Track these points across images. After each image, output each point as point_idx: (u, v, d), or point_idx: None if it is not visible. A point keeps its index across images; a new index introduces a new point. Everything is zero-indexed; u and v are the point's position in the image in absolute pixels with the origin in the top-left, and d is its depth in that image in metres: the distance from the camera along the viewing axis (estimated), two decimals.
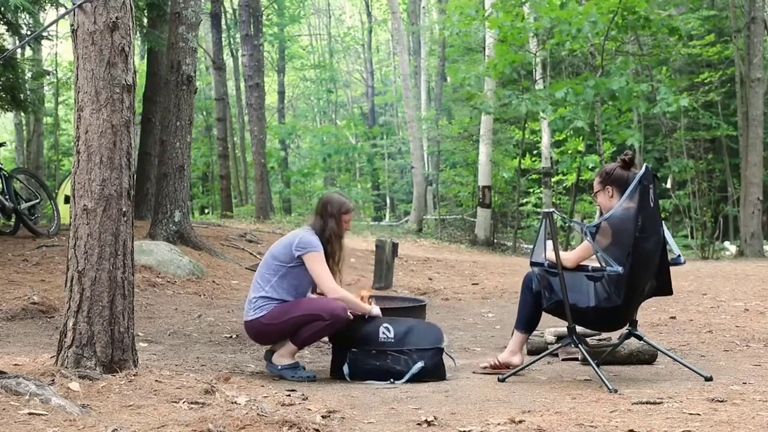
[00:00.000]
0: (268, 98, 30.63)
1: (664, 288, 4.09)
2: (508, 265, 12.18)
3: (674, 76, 19.65)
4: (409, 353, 4.09)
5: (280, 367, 4.14)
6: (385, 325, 4.17)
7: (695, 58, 19.59)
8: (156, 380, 3.55)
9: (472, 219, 20.29)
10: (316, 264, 4.14)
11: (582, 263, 4.18)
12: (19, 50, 15.84)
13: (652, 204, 3.87)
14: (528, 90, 15.53)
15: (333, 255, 4.28)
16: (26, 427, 2.73)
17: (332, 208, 4.30)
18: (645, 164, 3.92)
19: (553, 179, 20.23)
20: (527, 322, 4.28)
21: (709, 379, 3.89)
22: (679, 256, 4.14)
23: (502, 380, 4.03)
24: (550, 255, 3.98)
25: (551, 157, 19.66)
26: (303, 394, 3.57)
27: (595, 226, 3.95)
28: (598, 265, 4.01)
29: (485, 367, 4.34)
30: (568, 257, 4.10)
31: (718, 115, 19.14)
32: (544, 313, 4.23)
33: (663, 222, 4.07)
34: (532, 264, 4.09)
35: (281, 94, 31.88)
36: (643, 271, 3.90)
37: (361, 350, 4.12)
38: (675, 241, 4.27)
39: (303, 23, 34.17)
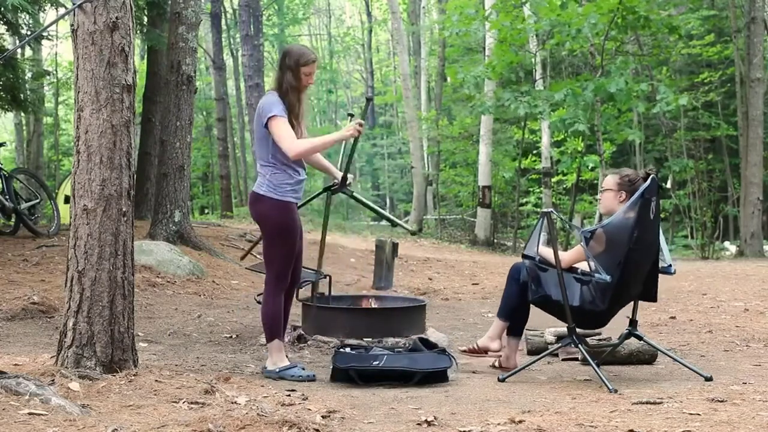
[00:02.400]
0: None
1: (648, 295, 4.13)
2: (508, 265, 12.13)
3: (674, 76, 19.63)
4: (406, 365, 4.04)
5: (278, 370, 4.11)
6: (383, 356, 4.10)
7: (695, 58, 19.58)
8: (156, 380, 3.55)
9: (472, 219, 20.28)
10: (276, 128, 3.98)
11: (574, 265, 4.18)
12: (19, 50, 15.84)
13: (652, 216, 3.89)
14: (528, 92, 15.50)
15: (292, 109, 4.06)
16: (26, 427, 2.73)
17: (290, 59, 4.07)
18: (651, 177, 3.90)
19: (553, 179, 20.22)
20: (509, 311, 4.33)
21: (709, 379, 3.89)
22: (670, 265, 4.16)
23: (502, 380, 4.04)
24: (543, 251, 4.01)
25: (551, 157, 19.65)
26: (303, 394, 3.57)
27: (590, 232, 3.96)
28: (588, 269, 4.02)
29: (464, 351, 4.48)
30: (562, 257, 4.11)
31: (718, 115, 19.13)
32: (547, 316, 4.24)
33: (660, 232, 4.07)
34: (524, 256, 4.12)
35: None
36: (632, 280, 3.94)
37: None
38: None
39: (303, 24, 34.17)
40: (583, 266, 4.06)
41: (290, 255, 4.15)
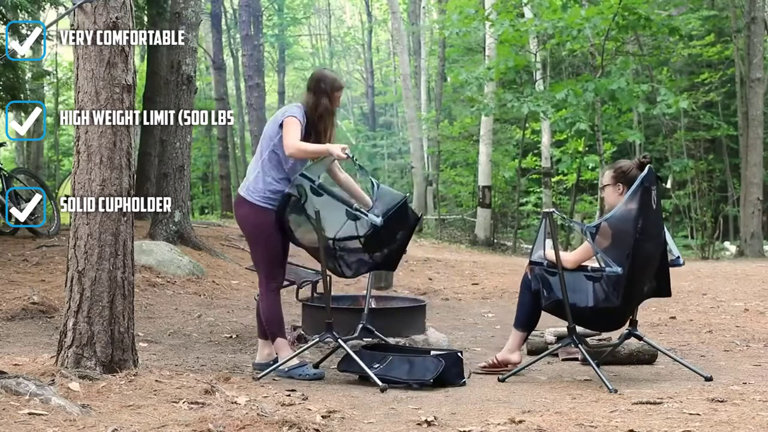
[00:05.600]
0: (268, 98, 30.59)
1: (662, 289, 4.11)
2: (508, 265, 12.16)
3: (674, 77, 19.61)
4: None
5: (287, 369, 4.13)
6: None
7: (695, 58, 19.55)
8: (156, 380, 3.55)
9: (472, 219, 20.26)
10: (288, 125, 4.05)
11: (582, 263, 4.18)
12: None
13: (654, 205, 3.88)
14: (530, 92, 15.50)
15: (325, 131, 4.19)
16: (26, 427, 2.73)
17: (326, 84, 4.19)
18: (648, 166, 3.92)
19: (553, 179, 20.21)
20: (526, 321, 4.29)
21: (709, 379, 3.89)
22: (678, 257, 4.15)
23: (502, 380, 4.03)
24: (549, 254, 3.99)
25: (551, 157, 19.64)
26: (303, 394, 3.57)
27: (595, 227, 3.96)
28: (598, 266, 4.01)
29: (484, 367, 4.33)
30: (568, 258, 4.11)
31: (718, 115, 19.11)
32: (545, 314, 4.24)
33: (664, 223, 4.08)
34: (531, 263, 4.10)
35: (281, 94, 31.85)
36: (642, 272, 3.90)
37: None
38: (675, 241, 4.29)
39: (303, 24, 34.15)
40: (592, 264, 4.05)
41: (274, 256, 4.19)
